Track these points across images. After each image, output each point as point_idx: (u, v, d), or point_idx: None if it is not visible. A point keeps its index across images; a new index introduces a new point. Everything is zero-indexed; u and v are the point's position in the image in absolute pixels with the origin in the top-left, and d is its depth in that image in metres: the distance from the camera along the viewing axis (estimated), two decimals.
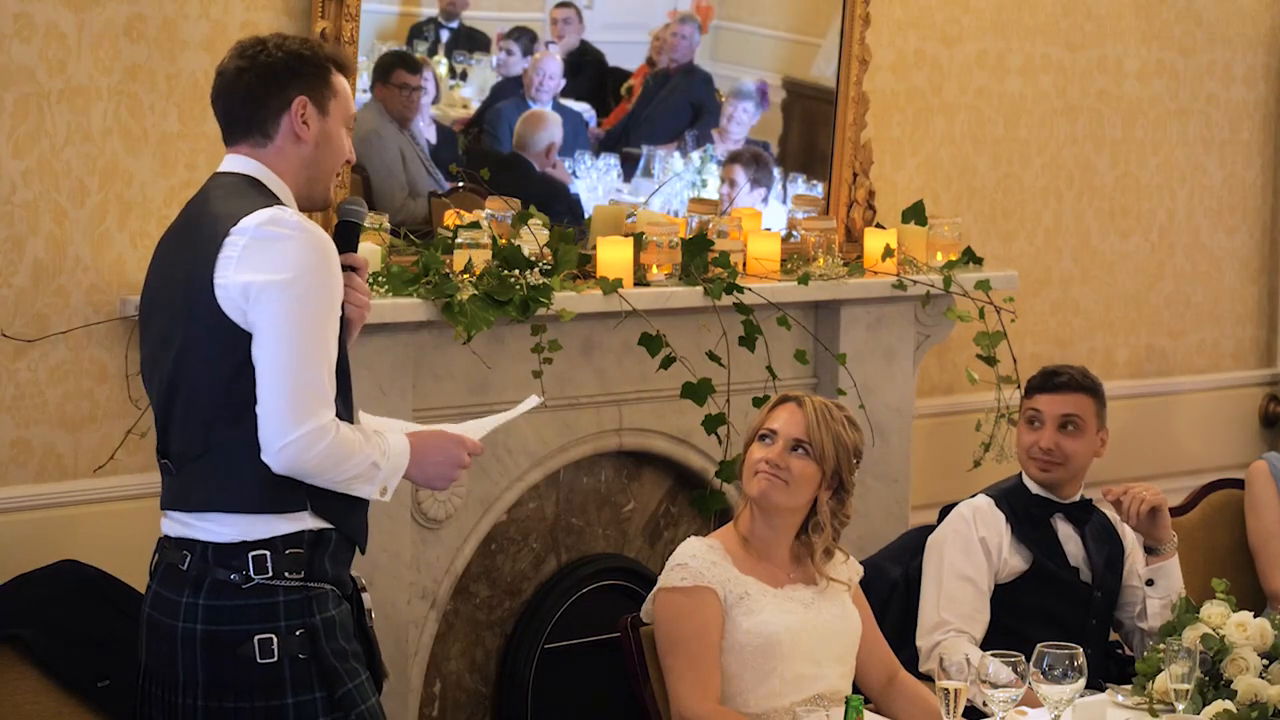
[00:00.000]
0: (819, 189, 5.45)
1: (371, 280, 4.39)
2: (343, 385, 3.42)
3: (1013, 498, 4.68)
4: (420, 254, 4.52)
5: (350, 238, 3.58)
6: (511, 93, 4.96)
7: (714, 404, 4.90)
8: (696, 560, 4.03)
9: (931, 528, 4.76)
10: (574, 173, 5.06)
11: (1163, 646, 3.96)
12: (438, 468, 3.49)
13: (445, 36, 4.87)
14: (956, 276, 5.35)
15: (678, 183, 5.23)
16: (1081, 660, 3.64)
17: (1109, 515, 4.74)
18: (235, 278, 3.28)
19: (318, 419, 3.27)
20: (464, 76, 4.95)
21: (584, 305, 4.68)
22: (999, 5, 5.94)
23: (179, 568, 3.38)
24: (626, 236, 4.85)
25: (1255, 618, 4.07)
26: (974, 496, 4.73)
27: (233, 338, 3.29)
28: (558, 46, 5.01)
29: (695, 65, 5.24)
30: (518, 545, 4.94)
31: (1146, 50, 6.38)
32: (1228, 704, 3.87)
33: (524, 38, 4.98)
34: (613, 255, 4.77)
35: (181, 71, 4.35)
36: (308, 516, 3.37)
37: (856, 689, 4.15)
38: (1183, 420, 6.59)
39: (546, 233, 4.69)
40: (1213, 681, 3.97)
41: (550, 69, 4.98)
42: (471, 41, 4.93)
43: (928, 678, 4.32)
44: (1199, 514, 5.44)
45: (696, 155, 5.27)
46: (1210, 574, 4.81)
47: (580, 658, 5.01)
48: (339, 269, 3.37)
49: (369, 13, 4.49)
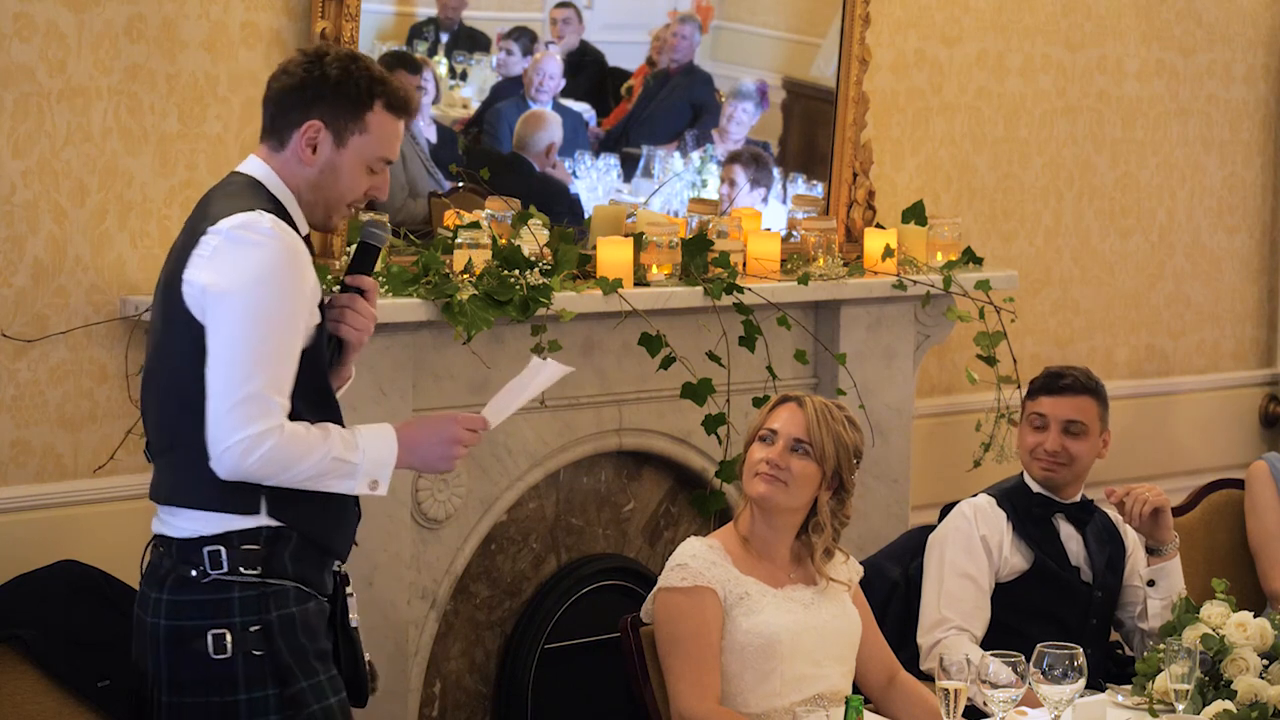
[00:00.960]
0: (819, 189, 5.45)
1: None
2: (320, 402, 3.42)
3: (1014, 497, 4.69)
4: (420, 254, 4.52)
5: (367, 260, 3.58)
6: (511, 93, 4.96)
7: (714, 404, 4.90)
8: (696, 560, 4.03)
9: (931, 527, 4.76)
10: (574, 173, 5.06)
11: (1163, 646, 3.96)
12: (433, 448, 3.48)
13: (445, 38, 4.87)
14: (956, 276, 5.35)
15: (678, 183, 5.23)
16: (1081, 660, 3.64)
17: (1111, 516, 4.74)
18: (200, 277, 3.31)
19: (258, 425, 3.26)
20: (464, 76, 4.95)
21: (584, 305, 4.68)
22: (999, 5, 5.94)
23: (156, 564, 3.43)
24: (626, 236, 4.85)
25: (1255, 618, 4.07)
26: (975, 495, 4.73)
27: (197, 335, 3.31)
28: (557, 46, 5.01)
29: (695, 65, 5.24)
30: (518, 545, 4.94)
31: (1146, 50, 6.38)
32: (1228, 704, 3.87)
33: (524, 38, 4.98)
34: (613, 255, 4.76)
35: (181, 71, 4.35)
36: (264, 516, 3.37)
37: (856, 689, 4.15)
38: (1183, 420, 6.59)
39: (546, 233, 4.69)
40: (1213, 681, 3.97)
41: (550, 69, 4.98)
42: (471, 41, 4.93)
43: (928, 676, 4.32)
44: (1199, 514, 5.44)
45: (696, 155, 5.27)
46: (1210, 574, 4.81)
47: (580, 658, 5.01)
48: (308, 281, 3.36)
49: (369, 13, 4.49)
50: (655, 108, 5.21)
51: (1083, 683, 3.65)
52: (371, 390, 4.41)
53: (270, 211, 3.35)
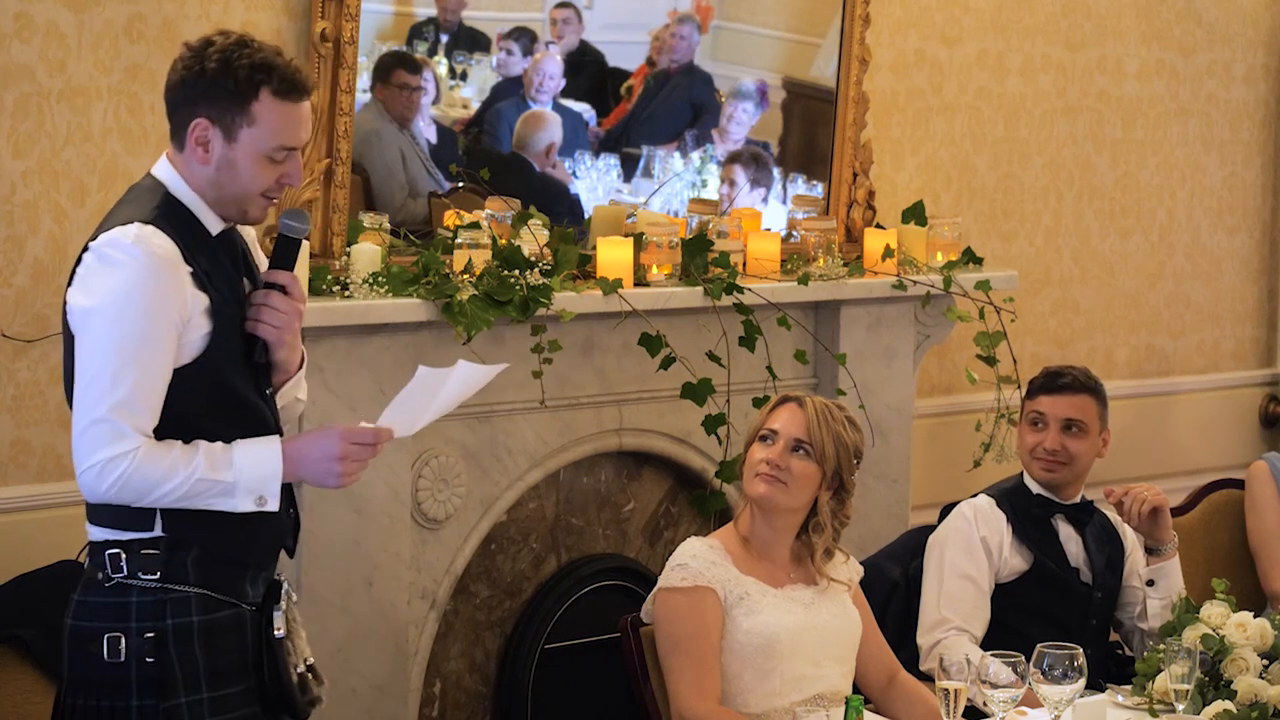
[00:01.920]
0: (819, 189, 5.45)
1: (371, 280, 4.39)
2: (235, 413, 3.35)
3: (1014, 498, 4.68)
4: (420, 254, 4.52)
5: (286, 253, 3.44)
6: (511, 93, 4.96)
7: (714, 404, 4.90)
8: (697, 560, 4.03)
9: (931, 528, 4.76)
10: (574, 173, 5.06)
11: (1163, 646, 3.96)
12: (318, 464, 3.35)
13: (445, 38, 4.87)
14: (956, 276, 5.35)
15: (678, 183, 5.23)
16: (1081, 660, 3.64)
17: (1110, 516, 4.74)
18: (72, 297, 3.27)
19: (108, 449, 3.20)
20: (464, 77, 4.95)
21: (584, 305, 4.68)
22: (999, 5, 5.94)
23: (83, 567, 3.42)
24: (626, 237, 4.85)
25: (1255, 618, 4.07)
26: (975, 496, 4.73)
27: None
28: (557, 47, 5.01)
29: (695, 65, 5.24)
30: (518, 545, 4.94)
31: (1146, 50, 6.38)
32: (1228, 704, 3.87)
33: (524, 38, 4.98)
34: (613, 255, 4.77)
35: None
36: (158, 531, 3.30)
37: (856, 689, 4.15)
38: (1183, 420, 6.59)
39: (546, 233, 4.69)
40: (1213, 681, 3.97)
41: (550, 69, 4.98)
42: (471, 41, 4.93)
43: (928, 676, 4.32)
44: (1199, 514, 5.44)
45: (696, 155, 5.27)
46: (1210, 574, 4.81)
47: (580, 658, 5.01)
48: (174, 296, 3.25)
49: (369, 13, 4.49)
50: (655, 108, 5.21)
51: (1083, 683, 3.65)
52: (371, 390, 4.41)
53: (150, 221, 3.25)
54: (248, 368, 3.39)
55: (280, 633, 3.43)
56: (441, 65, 4.87)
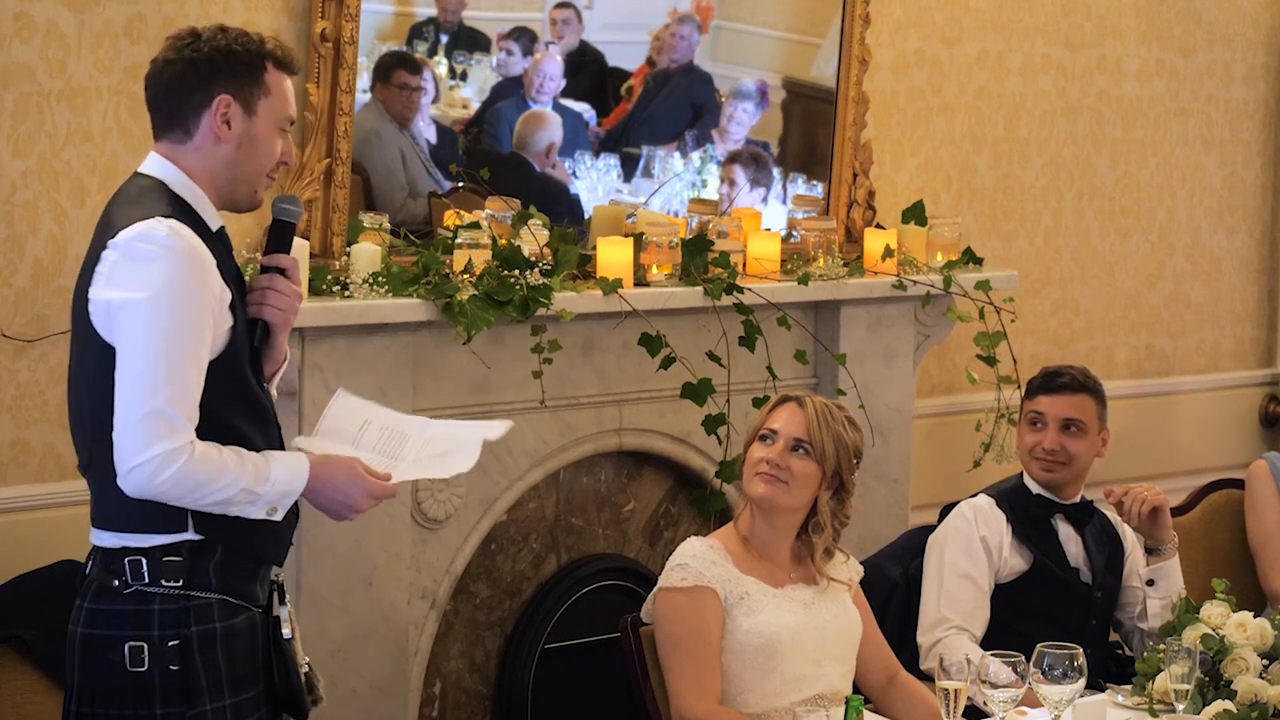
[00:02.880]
0: (819, 189, 5.45)
1: (371, 280, 4.39)
2: (249, 407, 3.35)
3: (1013, 498, 4.69)
4: (420, 254, 4.52)
5: (282, 237, 3.47)
6: (511, 93, 4.96)
7: (714, 404, 4.90)
8: (697, 560, 4.03)
9: (931, 528, 4.76)
10: (574, 173, 5.06)
11: (1163, 646, 3.96)
12: (331, 501, 3.39)
13: (445, 38, 4.87)
14: (956, 277, 5.35)
15: (678, 183, 5.23)
16: (1081, 660, 3.64)
17: (1109, 516, 4.74)
18: (102, 295, 3.22)
19: (167, 442, 3.16)
20: (464, 77, 4.95)
21: (584, 305, 4.68)
22: (999, 5, 5.94)
23: (86, 573, 3.36)
24: (626, 237, 4.85)
25: (1255, 618, 4.07)
26: (975, 496, 4.73)
27: (106, 354, 3.22)
28: (557, 47, 5.01)
29: (695, 65, 5.24)
30: (518, 545, 4.94)
31: (1146, 50, 6.38)
32: (1228, 704, 3.87)
33: (524, 38, 4.98)
34: (613, 255, 4.77)
35: None
36: (191, 533, 3.28)
37: (856, 689, 4.15)
38: (1183, 420, 6.59)
39: (546, 233, 4.69)
40: (1213, 681, 3.97)
41: (550, 69, 4.98)
42: (471, 42, 4.93)
43: (928, 676, 4.32)
44: (1199, 514, 5.44)
45: (696, 155, 5.27)
46: (1210, 574, 4.81)
47: (580, 658, 5.01)
48: (211, 288, 3.25)
49: (369, 13, 4.49)
50: (655, 108, 5.21)
51: (1083, 683, 3.65)
52: (372, 390, 4.40)
53: (170, 216, 3.25)
54: (253, 360, 3.40)
55: (289, 634, 3.44)
56: (441, 65, 4.87)
